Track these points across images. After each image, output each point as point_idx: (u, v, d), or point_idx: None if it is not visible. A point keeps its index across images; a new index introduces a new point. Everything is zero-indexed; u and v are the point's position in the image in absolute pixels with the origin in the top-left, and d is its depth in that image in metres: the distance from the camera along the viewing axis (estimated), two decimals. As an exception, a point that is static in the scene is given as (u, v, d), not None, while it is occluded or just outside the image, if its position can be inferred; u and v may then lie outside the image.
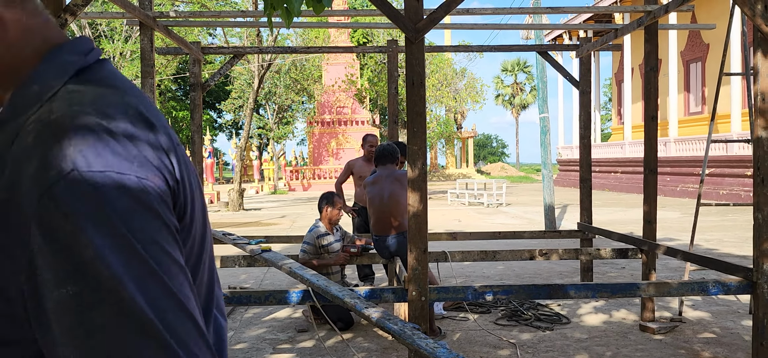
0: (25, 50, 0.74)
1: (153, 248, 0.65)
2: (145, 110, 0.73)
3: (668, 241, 9.75)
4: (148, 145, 0.69)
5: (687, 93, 23.22)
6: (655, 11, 4.88)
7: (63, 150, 0.63)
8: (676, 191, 20.31)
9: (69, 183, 0.62)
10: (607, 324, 5.26)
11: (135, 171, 0.65)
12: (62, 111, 0.67)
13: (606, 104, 54.24)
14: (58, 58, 0.75)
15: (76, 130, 0.65)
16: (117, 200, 0.63)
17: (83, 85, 0.73)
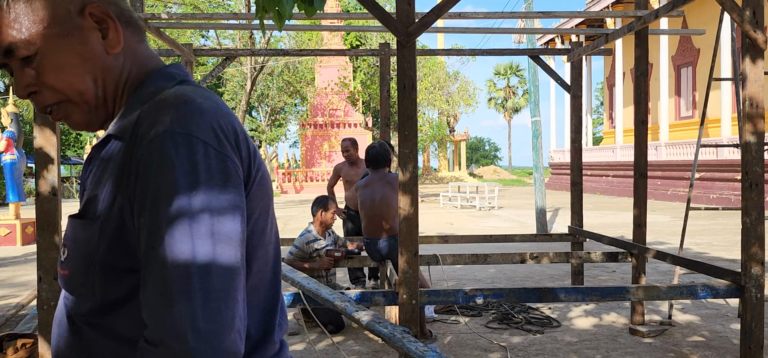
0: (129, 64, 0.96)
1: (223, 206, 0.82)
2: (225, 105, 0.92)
3: (658, 244, 9.80)
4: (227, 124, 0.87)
5: (678, 97, 23.36)
6: (645, 16, 4.92)
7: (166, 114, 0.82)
8: (666, 195, 20.42)
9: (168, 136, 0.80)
10: (598, 327, 5.29)
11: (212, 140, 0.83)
12: (174, 93, 0.87)
13: (597, 108, 54.47)
14: (165, 72, 0.98)
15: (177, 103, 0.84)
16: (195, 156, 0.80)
17: (187, 86, 0.94)
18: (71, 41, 0.90)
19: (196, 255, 0.78)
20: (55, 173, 3.39)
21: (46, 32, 0.89)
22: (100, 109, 0.96)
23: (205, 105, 0.85)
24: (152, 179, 0.79)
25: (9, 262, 9.65)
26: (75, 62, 0.91)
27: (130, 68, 0.96)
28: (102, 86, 0.94)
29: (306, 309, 4.18)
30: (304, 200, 24.44)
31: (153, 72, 0.97)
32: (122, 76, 0.96)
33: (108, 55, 0.93)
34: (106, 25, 0.92)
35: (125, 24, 0.96)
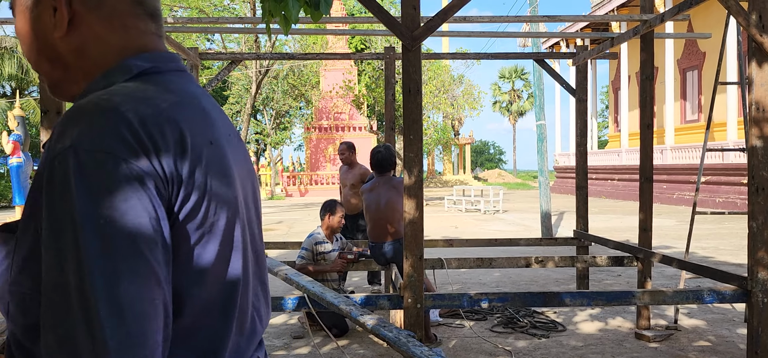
0: (92, 51, 0.86)
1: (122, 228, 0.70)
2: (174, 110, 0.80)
3: (664, 248, 9.77)
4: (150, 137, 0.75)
5: (683, 101, 23.30)
6: (651, 20, 4.91)
7: (74, 127, 0.73)
8: (672, 199, 20.36)
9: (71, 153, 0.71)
10: (603, 332, 5.27)
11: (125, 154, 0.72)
12: (96, 98, 0.76)
13: (603, 112, 54.36)
14: (125, 64, 0.86)
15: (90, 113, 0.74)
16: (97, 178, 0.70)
17: (137, 82, 0.84)
18: (30, 13, 0.86)
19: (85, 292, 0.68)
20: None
21: (17, 6, 0.88)
22: (66, 87, 0.89)
23: (132, 113, 0.74)
24: (51, 203, 0.71)
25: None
26: (29, 35, 0.87)
27: (94, 56, 0.86)
28: (59, 65, 0.88)
29: (311, 313, 4.19)
30: (309, 204, 24.47)
31: (117, 62, 0.86)
32: (81, 64, 0.86)
33: (54, 36, 0.85)
34: (55, 3, 0.84)
35: (92, 7, 0.85)
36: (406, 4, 3.59)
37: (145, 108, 0.76)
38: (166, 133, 0.76)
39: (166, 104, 0.79)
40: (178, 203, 0.77)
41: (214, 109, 0.91)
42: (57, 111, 3.39)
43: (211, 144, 0.82)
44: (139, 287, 0.70)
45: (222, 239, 0.82)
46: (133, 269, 0.70)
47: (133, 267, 0.70)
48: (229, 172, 0.84)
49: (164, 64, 0.88)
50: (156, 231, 0.73)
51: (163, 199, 0.75)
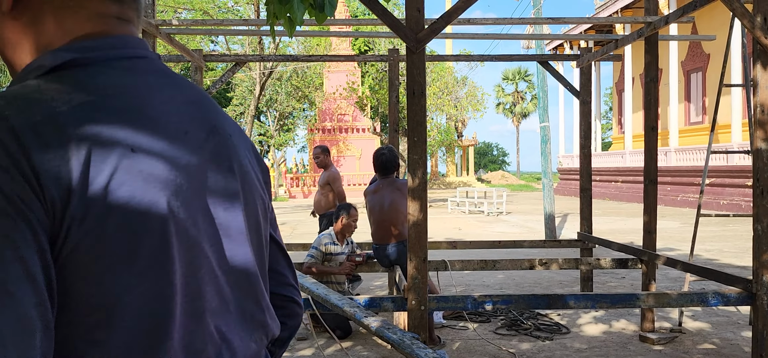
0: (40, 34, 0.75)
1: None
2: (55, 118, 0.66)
3: (668, 251, 9.75)
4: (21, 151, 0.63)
5: (688, 103, 23.26)
6: (655, 22, 4.90)
7: None
8: (676, 201, 20.31)
9: None
10: (607, 334, 5.26)
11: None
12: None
13: (607, 113, 54.30)
14: (43, 58, 0.74)
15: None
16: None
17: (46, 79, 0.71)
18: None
19: None
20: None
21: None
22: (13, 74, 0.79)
23: (9, 122, 0.64)
24: None
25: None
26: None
27: (32, 39, 0.76)
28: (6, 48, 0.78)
29: (315, 314, 4.19)
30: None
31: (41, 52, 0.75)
32: (27, 46, 0.76)
33: (3, 15, 0.75)
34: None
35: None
36: (411, 7, 3.60)
37: (34, 114, 0.65)
38: (51, 144, 0.64)
39: (66, 107, 0.67)
40: (64, 232, 0.64)
41: (172, 102, 0.78)
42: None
43: (132, 151, 0.69)
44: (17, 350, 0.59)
45: (142, 266, 0.69)
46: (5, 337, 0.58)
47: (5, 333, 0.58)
48: (156, 184, 0.70)
49: (98, 53, 0.75)
50: (26, 265, 0.61)
51: (43, 224, 0.63)
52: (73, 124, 0.66)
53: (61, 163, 0.64)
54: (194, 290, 0.74)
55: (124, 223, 0.67)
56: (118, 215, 0.66)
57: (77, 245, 0.65)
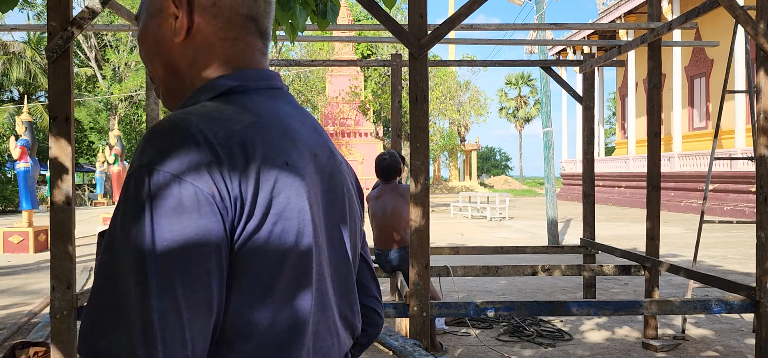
0: (201, 61, 0.89)
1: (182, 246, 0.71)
2: (248, 131, 0.80)
3: (671, 257, 9.72)
4: (217, 158, 0.75)
5: (691, 108, 23.23)
6: (658, 28, 4.89)
7: (151, 147, 0.75)
8: (680, 206, 20.27)
9: (141, 174, 0.73)
10: (610, 341, 5.24)
11: (193, 178, 0.73)
12: (172, 120, 0.78)
13: (610, 118, 54.26)
14: (215, 83, 0.88)
15: (166, 132, 0.76)
16: (166, 199, 0.72)
17: (217, 102, 0.85)
18: (153, 23, 0.91)
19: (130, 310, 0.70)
20: (69, 183, 3.42)
21: (146, 11, 0.92)
22: (175, 95, 0.93)
23: (203, 134, 0.76)
24: (123, 215, 0.73)
25: (22, 269, 9.73)
26: (151, 43, 0.91)
27: (201, 64, 0.90)
28: (172, 73, 0.92)
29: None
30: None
31: (210, 80, 0.89)
32: (190, 70, 0.90)
33: (174, 42, 0.89)
34: (178, 11, 0.88)
35: (213, 17, 0.89)
36: (413, 12, 3.60)
37: (219, 128, 0.77)
38: (235, 155, 0.77)
39: (240, 126, 0.80)
40: (240, 226, 0.76)
41: (304, 127, 0.92)
42: (65, 118, 3.41)
43: (286, 165, 0.82)
44: (189, 307, 0.71)
45: (289, 263, 0.81)
46: (186, 292, 0.71)
47: (187, 289, 0.71)
48: (302, 195, 0.83)
49: (253, 83, 0.89)
50: (214, 255, 0.74)
51: (226, 221, 0.75)
52: (245, 140, 0.79)
53: (239, 172, 0.76)
54: (322, 288, 0.88)
55: (281, 228, 0.79)
56: (277, 220, 0.79)
57: (247, 241, 0.77)
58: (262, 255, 0.78)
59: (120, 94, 32.33)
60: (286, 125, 0.87)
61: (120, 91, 32.19)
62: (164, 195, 0.72)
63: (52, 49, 3.34)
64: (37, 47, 33.63)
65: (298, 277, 0.82)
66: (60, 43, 3.34)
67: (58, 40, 3.33)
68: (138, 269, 0.70)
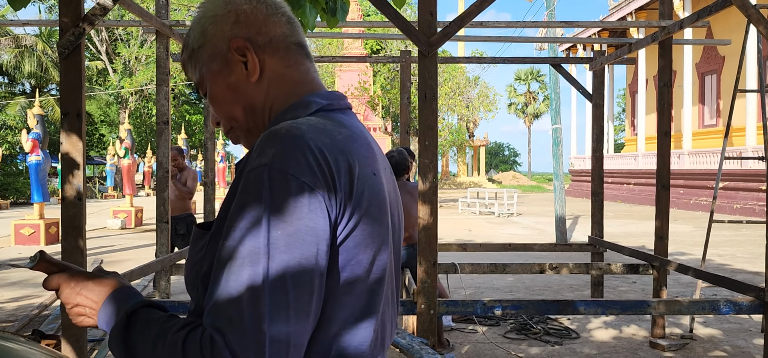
0: (275, 91, 1.02)
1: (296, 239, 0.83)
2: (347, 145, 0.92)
3: (680, 255, 9.68)
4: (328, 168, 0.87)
5: (701, 105, 23.07)
6: (669, 27, 4.87)
7: (271, 148, 0.86)
8: (689, 204, 20.16)
9: (263, 170, 0.84)
10: (617, 340, 5.23)
11: (309, 179, 0.84)
12: (288, 126, 0.89)
13: (619, 114, 53.96)
14: (306, 100, 1.01)
15: (283, 138, 0.87)
16: (284, 196, 0.83)
17: (317, 117, 0.97)
18: (223, 75, 1.02)
19: (249, 288, 0.80)
20: (80, 178, 3.45)
21: (208, 70, 1.03)
22: (254, 131, 1.04)
23: (313, 142, 0.88)
24: (241, 207, 0.84)
25: (33, 261, 9.80)
26: (227, 94, 1.03)
27: (275, 93, 1.02)
28: (251, 112, 1.03)
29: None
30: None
31: (299, 98, 1.02)
32: (267, 101, 1.02)
33: (250, 83, 1.01)
34: (247, 55, 1.00)
35: (273, 51, 1.02)
36: (423, 10, 3.60)
37: (324, 138, 0.89)
38: (340, 163, 0.88)
39: (341, 137, 0.92)
40: (340, 226, 0.88)
41: (374, 142, 1.04)
42: (76, 114, 3.43)
43: (374, 175, 0.94)
44: (298, 300, 0.82)
45: (372, 263, 0.92)
46: (297, 283, 0.82)
47: (298, 280, 0.82)
48: (384, 201, 0.95)
49: (337, 103, 1.03)
50: (321, 248, 0.85)
51: (331, 220, 0.86)
52: (346, 151, 0.91)
53: (343, 178, 0.88)
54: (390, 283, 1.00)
55: (369, 227, 0.91)
56: (368, 221, 0.91)
57: (343, 240, 0.88)
58: (353, 252, 0.89)
59: (130, 88, 32.46)
60: (367, 140, 1.00)
61: (130, 85, 32.32)
62: (281, 190, 0.83)
63: (64, 45, 3.36)
64: (49, 40, 33.80)
65: (378, 277, 0.94)
66: (71, 39, 3.36)
67: (70, 37, 3.36)
68: (254, 257, 0.81)
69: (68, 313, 1.01)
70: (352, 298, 0.91)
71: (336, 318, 0.90)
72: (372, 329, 0.94)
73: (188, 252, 1.01)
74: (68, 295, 1.00)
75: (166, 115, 5.29)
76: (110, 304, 0.97)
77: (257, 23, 1.02)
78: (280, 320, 0.80)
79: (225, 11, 1.02)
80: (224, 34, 1.01)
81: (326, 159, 0.87)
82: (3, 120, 27.72)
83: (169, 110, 5.32)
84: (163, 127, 5.29)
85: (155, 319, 0.91)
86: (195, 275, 0.96)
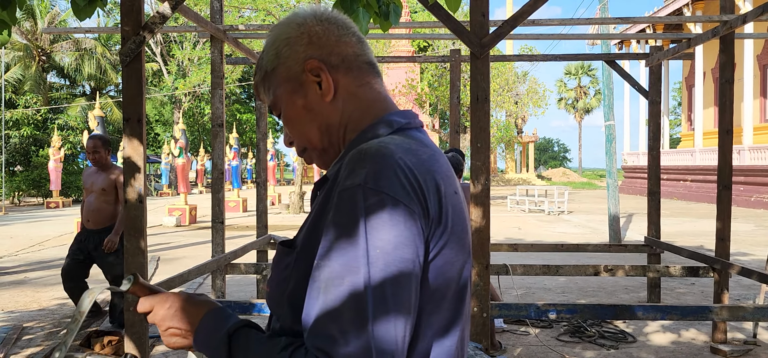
0: (349, 109, 1.03)
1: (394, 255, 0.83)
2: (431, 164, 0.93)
3: (741, 256, 9.32)
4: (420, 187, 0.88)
5: (763, 99, 22.11)
6: (731, 21, 4.69)
7: (362, 168, 0.87)
8: (750, 202, 19.37)
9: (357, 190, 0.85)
10: (676, 344, 5.08)
11: (404, 198, 0.85)
12: (376, 146, 0.90)
13: (675, 109, 52.27)
14: (386, 119, 1.02)
15: (375, 157, 0.88)
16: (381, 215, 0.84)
17: (399, 136, 0.98)
18: (298, 96, 1.04)
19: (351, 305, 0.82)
20: (141, 182, 3.56)
21: (282, 91, 1.05)
22: (330, 151, 1.06)
23: (403, 161, 0.88)
24: (336, 226, 0.85)
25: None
26: (302, 114, 1.04)
27: (351, 112, 1.03)
28: (326, 132, 1.04)
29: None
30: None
31: (376, 117, 1.03)
32: (342, 120, 1.03)
33: (325, 103, 1.02)
34: (321, 76, 1.02)
35: (346, 71, 1.03)
36: (475, 11, 3.57)
37: (412, 158, 0.90)
38: (428, 182, 0.89)
39: (426, 156, 0.93)
40: (432, 244, 0.89)
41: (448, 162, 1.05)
42: (137, 119, 3.55)
43: (455, 193, 0.95)
44: (398, 313, 0.83)
45: (458, 280, 0.94)
46: (397, 297, 0.83)
47: (398, 294, 0.83)
48: (466, 219, 0.97)
49: (414, 122, 1.04)
50: (418, 266, 0.86)
51: (424, 238, 0.87)
52: (432, 169, 0.92)
53: (433, 197, 0.89)
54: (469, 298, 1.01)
55: (457, 244, 0.92)
56: (455, 238, 0.92)
57: (434, 257, 0.89)
58: (441, 270, 0.91)
59: (184, 89, 33.32)
60: (445, 158, 1.00)
61: (184, 86, 33.18)
62: (377, 209, 0.84)
63: (126, 53, 3.48)
64: (107, 44, 35.01)
65: (462, 294, 0.96)
66: (132, 47, 3.47)
67: (131, 45, 3.47)
68: (354, 272, 0.82)
69: (162, 334, 1.05)
70: (439, 316, 0.92)
71: (424, 334, 0.91)
72: (455, 345, 0.96)
73: (272, 270, 1.03)
74: (163, 317, 1.04)
75: (221, 118, 5.42)
76: (207, 325, 1.00)
77: (330, 44, 1.03)
78: (384, 326, 0.82)
79: (298, 33, 1.04)
80: (298, 55, 1.03)
81: (417, 178, 0.88)
82: (65, 120, 28.87)
83: (223, 113, 5.44)
84: (218, 130, 5.42)
85: (256, 339, 0.94)
86: (280, 294, 0.97)
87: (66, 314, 6.17)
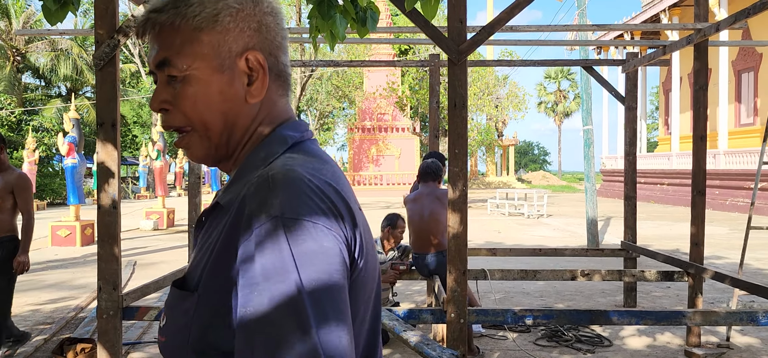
0: (261, 117, 0.94)
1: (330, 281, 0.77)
2: (336, 179, 0.88)
3: (716, 259, 9.46)
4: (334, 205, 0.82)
5: (738, 104, 22.51)
6: (705, 29, 4.76)
7: (275, 197, 0.79)
8: (724, 205, 19.69)
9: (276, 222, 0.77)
10: (651, 348, 5.14)
11: (323, 222, 0.79)
12: (283, 171, 0.82)
13: (653, 113, 52.98)
14: (280, 135, 0.93)
15: (286, 184, 0.80)
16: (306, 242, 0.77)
17: (296, 153, 0.91)
18: (221, 78, 0.90)
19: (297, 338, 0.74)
20: (115, 187, 3.51)
21: (201, 63, 0.90)
22: (220, 148, 0.94)
23: (314, 184, 0.82)
24: (263, 266, 0.76)
25: (69, 263, 10.04)
26: (214, 98, 0.90)
27: (262, 120, 0.94)
28: (229, 128, 0.92)
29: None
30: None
31: (272, 130, 0.94)
32: (252, 126, 0.93)
33: (245, 102, 0.92)
34: (256, 74, 0.91)
35: (275, 77, 0.95)
36: (453, 18, 3.58)
37: (319, 179, 0.84)
38: (338, 202, 0.84)
39: (329, 174, 0.87)
40: (353, 264, 0.84)
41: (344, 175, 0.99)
42: (111, 123, 3.50)
43: (360, 210, 0.90)
44: (342, 336, 0.76)
45: (373, 296, 0.91)
46: (339, 321, 0.76)
47: (338, 320, 0.76)
48: (371, 235, 0.93)
49: (305, 133, 0.96)
50: (346, 287, 0.80)
51: (349, 257, 0.83)
52: (340, 188, 0.86)
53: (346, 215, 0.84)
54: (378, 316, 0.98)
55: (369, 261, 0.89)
56: (368, 255, 0.88)
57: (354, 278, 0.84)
58: (361, 287, 0.86)
59: (162, 89, 33.02)
60: (340, 171, 0.93)
61: (162, 87, 32.86)
62: (303, 239, 0.77)
63: (100, 56, 3.43)
64: (84, 44, 34.54)
65: (377, 311, 0.94)
66: (107, 50, 3.42)
67: (105, 48, 3.42)
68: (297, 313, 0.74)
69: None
70: (360, 337, 0.89)
71: None
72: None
73: (165, 317, 0.91)
74: None
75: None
76: None
77: (275, 44, 0.94)
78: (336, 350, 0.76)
79: (250, 12, 0.91)
80: (242, 37, 0.91)
81: (330, 199, 0.82)
82: (40, 122, 28.42)
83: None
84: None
85: None
86: (181, 343, 0.86)
87: (38, 320, 6.07)
